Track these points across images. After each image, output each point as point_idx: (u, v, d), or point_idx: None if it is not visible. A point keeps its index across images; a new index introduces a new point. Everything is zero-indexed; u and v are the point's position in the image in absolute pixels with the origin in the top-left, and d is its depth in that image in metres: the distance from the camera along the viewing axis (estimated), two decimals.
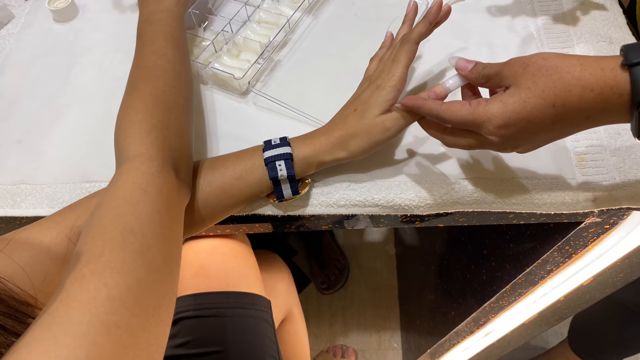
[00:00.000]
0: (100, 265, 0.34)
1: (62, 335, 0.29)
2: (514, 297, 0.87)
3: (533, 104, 0.39)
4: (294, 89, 0.62)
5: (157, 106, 0.48)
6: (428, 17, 0.50)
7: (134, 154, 0.44)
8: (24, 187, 0.58)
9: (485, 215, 0.57)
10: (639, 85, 0.35)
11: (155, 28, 0.55)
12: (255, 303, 0.69)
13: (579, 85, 0.37)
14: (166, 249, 0.39)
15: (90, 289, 0.32)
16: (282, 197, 0.50)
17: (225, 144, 0.59)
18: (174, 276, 0.40)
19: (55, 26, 0.74)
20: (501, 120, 0.40)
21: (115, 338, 0.30)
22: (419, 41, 0.50)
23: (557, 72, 0.38)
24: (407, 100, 0.47)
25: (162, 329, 0.36)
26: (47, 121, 0.63)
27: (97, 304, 0.31)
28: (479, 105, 0.42)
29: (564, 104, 0.38)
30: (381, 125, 0.48)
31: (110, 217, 0.38)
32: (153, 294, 0.35)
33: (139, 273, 0.35)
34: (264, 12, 0.68)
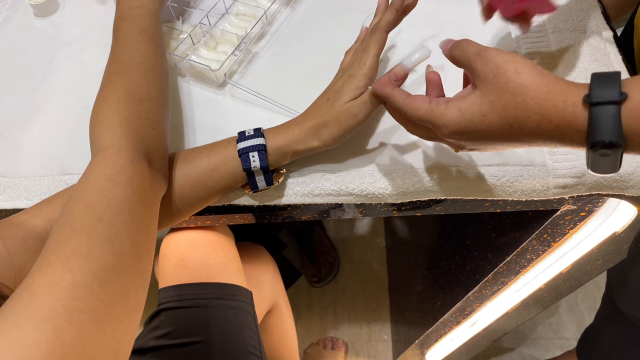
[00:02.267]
0: (66, 252, 0.34)
1: (22, 318, 0.29)
2: (497, 287, 0.88)
3: (491, 120, 0.39)
4: (271, 80, 0.63)
5: (129, 99, 0.49)
6: (394, 5, 0.50)
7: (106, 145, 0.45)
8: (2, 179, 0.59)
9: (460, 203, 0.58)
10: (595, 128, 0.34)
11: (130, 24, 0.56)
12: (236, 294, 0.69)
13: (539, 114, 0.37)
14: (136, 237, 0.39)
15: (55, 274, 0.32)
16: (256, 188, 0.51)
17: (202, 135, 0.59)
18: (145, 264, 0.40)
19: (36, 21, 0.75)
20: (457, 128, 0.40)
21: (77, 322, 0.31)
22: (388, 30, 0.50)
23: (522, 94, 0.37)
24: (377, 85, 0.47)
25: (130, 315, 0.36)
26: (26, 115, 0.64)
27: (60, 289, 0.31)
28: (437, 107, 0.41)
29: (521, 127, 0.38)
30: (349, 112, 0.48)
31: (79, 206, 0.39)
32: (120, 280, 0.36)
33: (106, 260, 0.35)
34: (242, 4, 0.68)
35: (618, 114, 0.34)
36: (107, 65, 0.54)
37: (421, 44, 0.64)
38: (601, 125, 0.34)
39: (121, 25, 0.56)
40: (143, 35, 0.55)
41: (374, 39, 0.50)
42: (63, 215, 0.39)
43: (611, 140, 0.34)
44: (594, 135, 0.34)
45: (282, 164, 0.52)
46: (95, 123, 0.48)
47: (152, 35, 0.56)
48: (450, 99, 0.42)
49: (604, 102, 0.34)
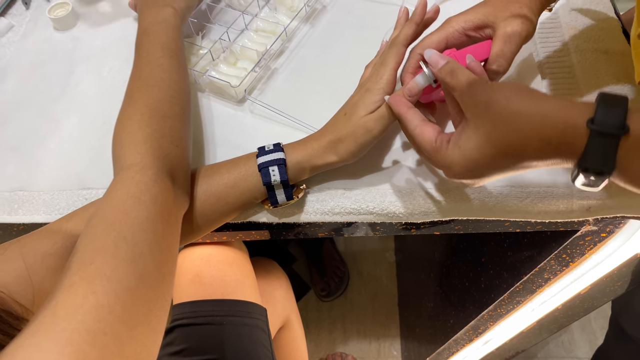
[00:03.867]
0: (90, 272, 0.34)
1: (45, 342, 0.29)
2: (513, 305, 0.86)
3: (490, 153, 0.39)
4: (290, 97, 0.63)
5: (152, 115, 0.49)
6: (414, 19, 0.50)
7: (129, 163, 0.44)
8: (22, 194, 0.59)
9: (481, 224, 0.57)
10: (590, 154, 0.34)
11: (153, 39, 0.56)
12: (251, 311, 0.69)
13: (537, 138, 0.36)
14: (159, 257, 0.39)
15: (78, 296, 0.32)
16: (276, 203, 0.51)
17: (221, 151, 0.59)
18: (167, 284, 0.40)
19: (55, 34, 0.75)
20: (460, 168, 0.41)
21: (100, 345, 0.30)
22: (407, 43, 0.50)
23: (516, 121, 0.37)
24: (392, 101, 0.47)
25: (152, 337, 0.36)
26: (45, 128, 0.64)
27: (84, 311, 0.31)
28: (441, 148, 0.42)
29: (520, 154, 0.38)
30: (364, 127, 0.48)
31: (103, 225, 0.38)
32: (143, 301, 0.35)
33: (130, 281, 0.35)
34: (262, 20, 0.68)
35: (615, 146, 0.34)
36: (130, 81, 0.54)
37: None
38: (597, 154, 0.34)
39: (144, 40, 0.57)
40: (166, 51, 0.55)
41: (392, 52, 0.50)
42: (86, 234, 0.38)
43: (602, 169, 0.34)
44: (587, 161, 0.35)
45: (302, 179, 0.52)
46: (119, 140, 0.48)
47: (175, 51, 0.56)
48: (452, 137, 0.42)
49: (605, 132, 0.34)
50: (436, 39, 0.50)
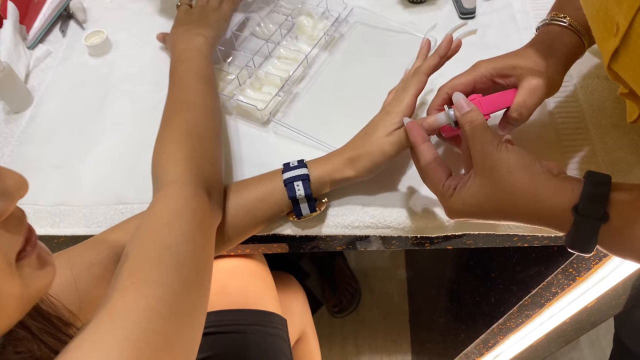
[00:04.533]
0: (140, 278, 0.38)
1: (106, 338, 0.33)
2: (521, 319, 0.89)
3: (487, 211, 0.44)
4: (311, 119, 0.67)
5: (189, 137, 0.53)
6: (438, 51, 0.54)
7: (170, 180, 0.49)
8: (62, 208, 0.63)
9: (491, 238, 0.61)
10: (574, 237, 0.40)
11: (186, 66, 0.61)
12: (273, 321, 0.72)
13: (527, 213, 0.42)
14: (198, 265, 0.43)
15: (131, 299, 0.36)
16: (300, 215, 0.55)
17: (248, 169, 0.63)
18: (205, 290, 0.44)
19: (91, 60, 0.80)
20: (458, 215, 0.47)
21: (152, 343, 0.34)
22: (429, 73, 0.55)
23: (513, 192, 0.42)
24: (410, 128, 0.51)
25: (194, 336, 0.40)
26: (83, 148, 0.69)
27: (137, 313, 0.35)
28: (446, 193, 0.47)
29: (513, 218, 0.44)
30: (380, 147, 0.53)
31: (148, 237, 0.43)
32: (186, 304, 0.39)
33: (174, 286, 0.39)
34: (284, 48, 0.73)
35: (597, 230, 0.38)
36: (167, 105, 0.59)
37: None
38: (580, 237, 0.39)
39: (178, 67, 0.62)
40: (199, 77, 0.60)
41: (414, 80, 0.54)
42: (134, 244, 0.43)
43: (585, 250, 0.40)
44: (572, 242, 0.40)
45: (323, 192, 0.56)
46: (159, 159, 0.53)
47: (207, 77, 0.61)
48: (458, 185, 0.46)
49: (588, 216, 0.38)
50: (464, 80, 0.54)
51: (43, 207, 0.64)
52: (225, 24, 0.73)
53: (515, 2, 0.76)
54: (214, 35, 0.68)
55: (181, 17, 0.72)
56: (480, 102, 0.53)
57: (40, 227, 0.62)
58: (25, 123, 0.73)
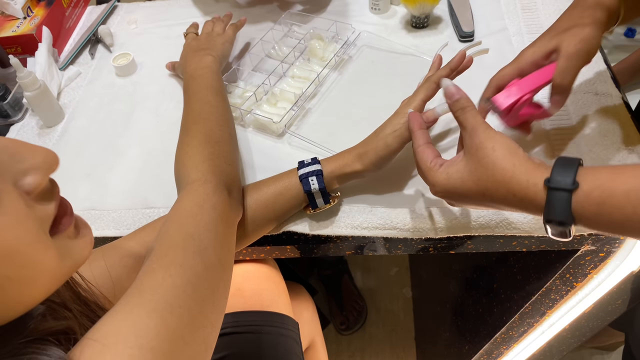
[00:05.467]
0: (166, 261, 0.43)
1: (136, 308, 0.37)
2: (524, 327, 0.93)
3: (468, 187, 0.47)
4: (322, 131, 0.73)
5: (207, 141, 0.59)
6: (450, 64, 0.60)
7: (192, 179, 0.54)
8: (93, 212, 0.68)
9: (490, 241, 0.65)
10: (550, 208, 0.41)
11: (198, 81, 0.68)
12: (286, 323, 0.76)
13: (505, 188, 0.44)
14: (220, 251, 0.47)
15: (158, 277, 0.40)
16: (316, 207, 0.60)
17: (264, 176, 0.67)
18: (227, 274, 0.48)
19: (118, 80, 0.87)
20: (441, 188, 0.50)
21: (177, 315, 0.38)
22: (438, 82, 0.59)
23: (492, 169, 0.45)
24: (411, 116, 0.56)
25: (215, 315, 0.44)
26: (111, 158, 0.74)
27: (163, 289, 0.39)
28: (433, 168, 0.50)
29: (491, 196, 0.46)
30: (384, 141, 0.58)
31: (174, 227, 0.48)
32: (208, 285, 0.43)
33: (197, 268, 0.43)
34: (297, 68, 0.79)
35: (569, 199, 0.40)
36: (184, 116, 0.65)
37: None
38: (555, 207, 0.41)
39: (191, 83, 0.68)
40: (211, 90, 0.67)
41: (424, 87, 0.60)
42: (161, 234, 0.48)
43: (562, 220, 0.41)
44: (549, 214, 0.42)
45: (335, 187, 0.61)
46: (181, 162, 0.58)
47: (218, 89, 0.68)
48: (445, 162, 0.50)
49: (558, 188, 0.41)
50: (509, 70, 0.58)
51: (76, 212, 0.68)
52: (230, 46, 0.80)
53: (510, 26, 0.83)
54: (221, 55, 0.75)
55: (189, 43, 0.80)
56: (519, 83, 0.55)
57: None
58: (58, 137, 0.79)
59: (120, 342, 0.33)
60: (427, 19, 0.85)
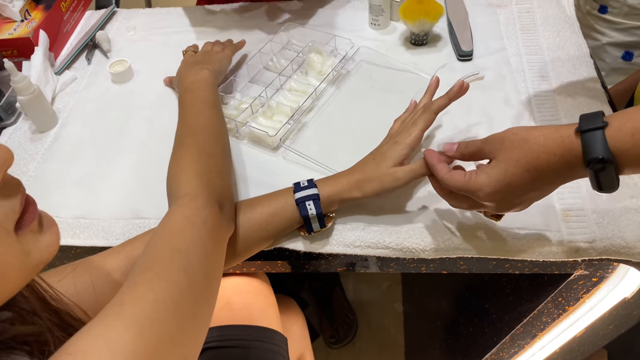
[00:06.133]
0: (150, 275, 0.42)
1: (115, 322, 0.36)
2: (514, 349, 0.92)
3: (512, 172, 0.48)
4: (318, 146, 0.72)
5: (200, 155, 0.58)
6: (449, 95, 0.60)
7: (183, 193, 0.53)
8: (82, 220, 0.67)
9: (483, 263, 0.64)
10: (587, 148, 0.43)
11: (194, 94, 0.68)
12: (274, 338, 0.75)
13: (544, 152, 0.46)
14: (207, 268, 0.47)
15: (139, 292, 0.40)
16: (311, 231, 0.60)
17: (258, 191, 0.67)
18: (212, 292, 0.47)
19: (113, 86, 0.86)
20: (489, 188, 0.49)
21: (156, 331, 0.37)
22: (438, 112, 0.60)
23: (526, 143, 0.47)
24: (428, 153, 0.56)
25: (197, 333, 0.43)
26: (104, 166, 0.74)
27: (144, 304, 0.38)
28: (470, 178, 0.51)
29: (535, 168, 0.46)
30: (393, 175, 0.57)
31: (161, 241, 0.47)
32: (192, 302, 0.42)
33: (181, 284, 0.42)
34: (295, 82, 0.79)
35: (603, 136, 0.42)
36: (178, 129, 0.64)
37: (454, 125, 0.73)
38: (592, 146, 0.43)
39: (186, 96, 0.68)
40: (206, 103, 0.66)
41: (424, 117, 0.59)
42: (148, 248, 0.47)
43: (602, 156, 0.42)
44: (588, 154, 0.43)
45: (331, 210, 0.61)
46: (174, 176, 0.57)
47: (213, 103, 0.67)
48: (478, 169, 0.51)
49: (590, 129, 0.43)
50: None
51: (64, 219, 0.68)
52: (227, 63, 0.80)
53: (509, 46, 0.83)
54: (217, 69, 0.75)
55: (187, 59, 0.80)
56: None
57: (61, 239, 0.66)
58: (50, 142, 0.78)
59: (95, 357, 0.32)
60: (426, 37, 0.85)
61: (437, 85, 0.65)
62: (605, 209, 0.62)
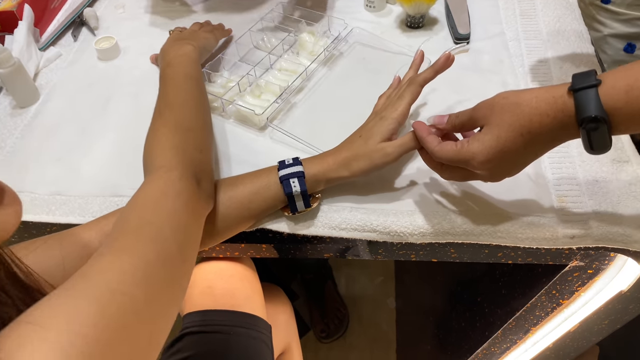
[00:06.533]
0: (116, 247, 0.40)
1: (73, 291, 0.34)
2: (506, 344, 0.89)
3: (505, 137, 0.46)
4: (306, 127, 0.70)
5: (178, 128, 0.56)
6: (435, 67, 0.57)
7: (158, 166, 0.51)
8: (59, 197, 0.65)
9: (475, 250, 0.62)
10: (580, 107, 0.42)
11: (175, 69, 0.65)
12: (257, 325, 0.73)
13: (537, 114, 0.44)
14: (181, 241, 0.44)
15: (105, 262, 0.38)
16: (295, 210, 0.57)
17: (241, 169, 0.64)
18: (187, 266, 0.45)
19: (99, 63, 0.84)
20: (482, 156, 0.47)
21: (119, 302, 0.35)
22: (424, 85, 0.58)
23: (517, 107, 0.45)
24: (417, 125, 0.54)
25: (166, 309, 0.40)
26: (85, 143, 0.71)
27: (108, 274, 0.36)
28: (462, 147, 0.49)
29: (529, 131, 0.45)
30: (382, 151, 0.55)
31: (132, 213, 0.45)
32: (163, 275, 0.40)
33: (150, 256, 0.40)
34: (285, 61, 0.76)
35: (596, 94, 0.41)
36: (157, 102, 0.62)
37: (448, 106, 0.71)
38: (585, 104, 0.41)
39: (168, 70, 0.65)
40: (187, 77, 0.64)
41: (410, 90, 0.57)
42: (118, 220, 0.45)
43: (595, 114, 0.41)
44: (581, 113, 0.42)
45: (317, 190, 0.58)
46: (149, 148, 0.55)
47: (195, 77, 0.65)
48: (470, 137, 0.49)
49: (583, 87, 0.42)
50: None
51: (40, 196, 0.65)
52: (213, 42, 0.77)
53: (507, 31, 0.80)
54: (202, 46, 0.72)
55: (172, 36, 0.78)
56: None
57: (35, 215, 0.64)
58: (30, 118, 0.75)
59: (53, 326, 0.30)
60: (423, 19, 0.82)
61: (422, 59, 0.63)
62: (602, 195, 0.59)
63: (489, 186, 0.61)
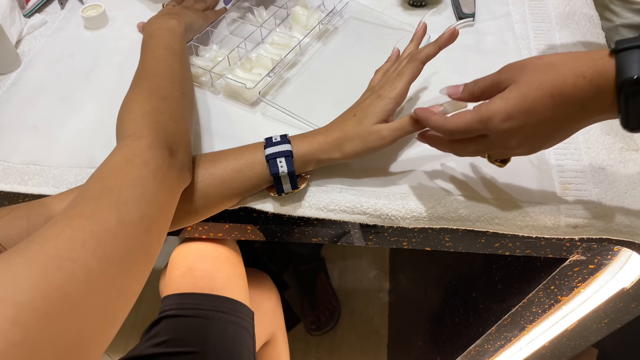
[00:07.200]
0: (72, 213, 0.37)
1: (16, 259, 0.31)
2: (500, 342, 0.86)
3: (533, 97, 0.41)
4: (299, 102, 0.66)
5: (152, 96, 0.52)
6: (438, 42, 0.53)
7: (127, 134, 0.48)
8: (33, 167, 0.61)
9: (470, 238, 0.58)
10: (622, 68, 0.38)
11: (157, 40, 0.61)
12: (238, 310, 0.69)
13: (572, 74, 0.40)
14: (147, 210, 0.41)
15: (57, 229, 0.35)
16: (282, 191, 0.53)
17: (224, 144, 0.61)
18: (152, 238, 0.41)
19: (85, 32, 0.80)
20: (504, 114, 0.42)
21: (67, 271, 0.32)
22: (426, 61, 0.53)
23: (552, 66, 0.41)
24: (419, 109, 0.49)
25: (126, 282, 0.37)
26: (63, 112, 0.67)
27: (58, 240, 0.33)
28: (481, 107, 0.44)
29: (560, 93, 0.40)
30: (377, 134, 0.51)
31: (95, 180, 0.42)
32: (121, 244, 0.37)
33: (108, 224, 0.37)
34: (277, 35, 0.72)
35: None
36: (136, 73, 0.58)
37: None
38: (628, 65, 0.37)
39: (149, 42, 0.62)
40: (169, 50, 0.60)
41: (410, 67, 0.53)
42: (80, 188, 0.41)
43: (638, 75, 0.37)
44: (622, 75, 0.37)
45: (305, 170, 0.55)
46: (121, 118, 0.52)
47: (177, 50, 0.61)
48: (494, 97, 0.44)
49: (629, 47, 0.38)
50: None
51: (13, 165, 0.62)
52: (202, 21, 0.73)
53: (514, 12, 0.76)
54: (189, 22, 0.68)
55: (162, 10, 0.74)
56: None
57: (7, 184, 0.60)
58: (9, 85, 0.72)
59: None
60: None
61: (424, 32, 0.58)
62: (609, 184, 0.56)
63: (488, 170, 0.57)
